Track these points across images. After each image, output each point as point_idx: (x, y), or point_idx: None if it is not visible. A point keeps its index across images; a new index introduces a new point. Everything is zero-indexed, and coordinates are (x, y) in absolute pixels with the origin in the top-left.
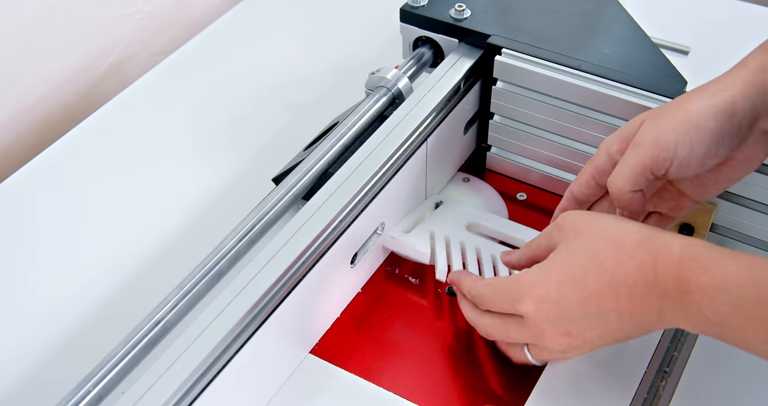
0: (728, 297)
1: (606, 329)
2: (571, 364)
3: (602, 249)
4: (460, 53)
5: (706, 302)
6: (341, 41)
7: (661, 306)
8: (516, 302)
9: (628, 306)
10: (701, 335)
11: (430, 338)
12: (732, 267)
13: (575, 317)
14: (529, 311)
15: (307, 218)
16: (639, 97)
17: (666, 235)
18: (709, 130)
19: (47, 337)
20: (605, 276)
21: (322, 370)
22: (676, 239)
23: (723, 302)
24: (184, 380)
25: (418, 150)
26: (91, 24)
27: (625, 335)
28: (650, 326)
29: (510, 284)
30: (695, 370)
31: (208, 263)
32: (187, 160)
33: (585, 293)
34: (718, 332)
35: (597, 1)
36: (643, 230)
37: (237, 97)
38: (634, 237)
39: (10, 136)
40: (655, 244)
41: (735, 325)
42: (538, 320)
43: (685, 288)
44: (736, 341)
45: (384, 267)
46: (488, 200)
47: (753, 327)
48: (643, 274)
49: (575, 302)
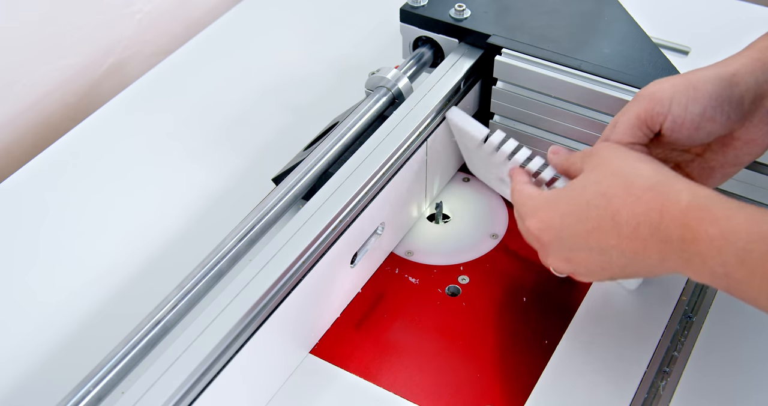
0: (735, 250)
1: (608, 263)
2: (571, 364)
3: (612, 186)
4: (460, 53)
5: (711, 253)
6: (341, 41)
7: (664, 251)
8: (525, 218)
9: (630, 246)
10: (701, 336)
11: (430, 338)
12: (741, 220)
13: (576, 247)
14: (534, 232)
15: (307, 218)
16: None
17: (678, 182)
18: (707, 92)
19: (47, 337)
20: (609, 213)
21: (322, 370)
22: (687, 187)
23: (729, 254)
24: (184, 380)
25: (418, 150)
26: (91, 24)
27: (631, 273)
28: (653, 268)
29: (527, 200)
30: (695, 370)
31: (208, 263)
32: (187, 160)
33: (588, 226)
34: (722, 283)
35: (597, 1)
36: (658, 174)
37: (237, 97)
38: (646, 180)
39: (10, 136)
40: (665, 190)
41: (739, 278)
42: (542, 243)
43: (691, 237)
44: (740, 293)
45: (384, 267)
46: (488, 200)
47: (758, 281)
48: (647, 217)
49: (577, 234)
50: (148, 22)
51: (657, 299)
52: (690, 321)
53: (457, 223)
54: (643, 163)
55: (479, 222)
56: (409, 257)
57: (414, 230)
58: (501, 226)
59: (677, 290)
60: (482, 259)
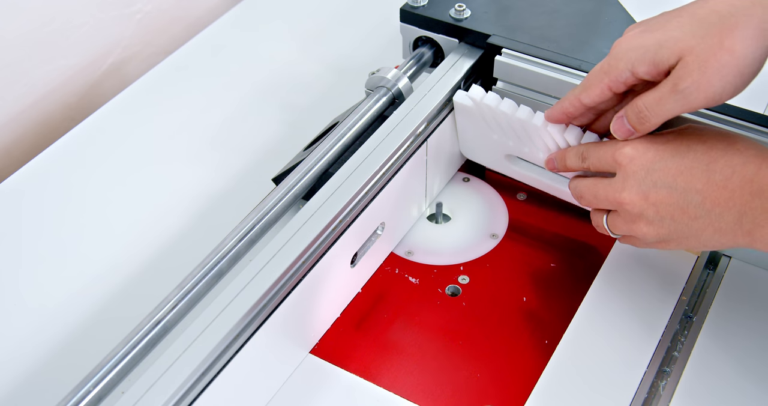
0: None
1: (683, 209)
2: (571, 364)
3: (714, 138)
4: (460, 53)
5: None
6: (341, 41)
7: (749, 205)
8: (616, 150)
9: (714, 194)
10: (701, 336)
11: (430, 338)
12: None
13: (660, 183)
14: (623, 159)
15: (307, 218)
16: None
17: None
18: (753, 73)
19: (48, 337)
20: (706, 158)
21: (322, 370)
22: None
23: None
24: (184, 380)
25: (418, 150)
26: (91, 24)
27: (696, 230)
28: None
29: (617, 142)
30: (695, 370)
31: (208, 263)
32: (187, 160)
33: (681, 165)
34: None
35: (597, 1)
36: (758, 144)
37: (237, 97)
38: (747, 142)
39: (10, 136)
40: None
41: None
42: (627, 172)
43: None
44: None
45: (384, 267)
46: (488, 200)
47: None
48: (743, 168)
49: (667, 168)
50: (148, 22)
51: (657, 299)
52: (690, 321)
53: (457, 223)
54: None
55: (479, 222)
56: (409, 257)
57: (414, 230)
58: (501, 226)
59: (677, 290)
60: (482, 259)
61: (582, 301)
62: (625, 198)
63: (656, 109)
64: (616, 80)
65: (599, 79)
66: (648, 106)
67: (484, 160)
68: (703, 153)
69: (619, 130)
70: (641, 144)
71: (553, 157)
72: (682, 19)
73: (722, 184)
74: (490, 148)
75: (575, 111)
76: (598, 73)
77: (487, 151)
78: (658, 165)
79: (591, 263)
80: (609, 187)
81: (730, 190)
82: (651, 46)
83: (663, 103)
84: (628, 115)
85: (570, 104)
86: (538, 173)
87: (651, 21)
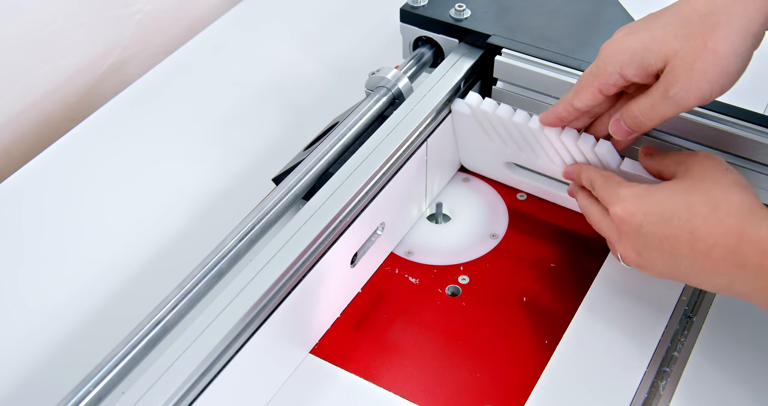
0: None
1: (675, 268)
2: (571, 364)
3: (698, 203)
4: (460, 53)
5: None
6: (341, 41)
7: (735, 275)
8: (611, 203)
9: (701, 262)
10: (701, 336)
11: (430, 338)
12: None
13: (650, 245)
14: (615, 218)
15: (307, 218)
16: None
17: (763, 211)
18: (740, 70)
19: (48, 336)
20: (689, 227)
21: (322, 370)
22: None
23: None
24: (184, 380)
25: (418, 150)
26: (91, 24)
27: (695, 284)
28: (718, 287)
29: (616, 187)
30: (695, 370)
31: (208, 263)
32: (187, 160)
33: (666, 232)
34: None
35: (597, 1)
36: (744, 203)
37: (237, 97)
38: (732, 206)
39: (10, 136)
40: (749, 217)
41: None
42: (620, 230)
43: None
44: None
45: (384, 267)
46: (488, 200)
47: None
48: (725, 240)
49: (654, 234)
50: (148, 22)
51: (657, 299)
52: (690, 321)
53: (457, 223)
54: (734, 188)
55: (479, 222)
56: (409, 257)
57: (414, 230)
58: (501, 226)
59: (677, 290)
60: (482, 259)
61: (582, 301)
62: (621, 251)
63: (651, 114)
64: (605, 83)
65: (589, 82)
66: (642, 112)
67: (485, 170)
68: (686, 221)
69: (618, 133)
70: (632, 206)
71: (570, 170)
72: (666, 19)
73: (706, 253)
74: (489, 157)
75: (569, 115)
76: (587, 76)
77: (486, 160)
78: (645, 229)
79: (591, 263)
80: (609, 231)
81: (714, 260)
82: (637, 50)
83: (656, 108)
84: (624, 120)
85: (563, 109)
86: (538, 180)
87: (637, 22)
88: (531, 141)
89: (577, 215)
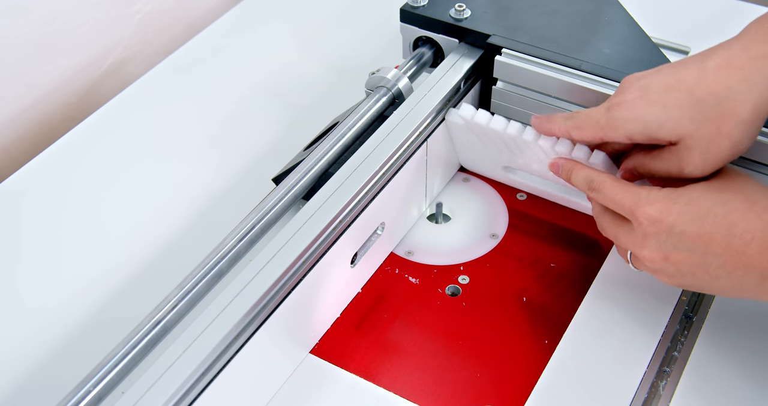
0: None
1: (703, 270)
2: (571, 364)
3: (734, 200)
4: (460, 53)
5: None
6: (341, 41)
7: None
8: (636, 207)
9: (735, 259)
10: (701, 336)
11: (430, 338)
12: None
13: (680, 246)
14: (643, 221)
15: (307, 218)
16: None
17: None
18: (747, 147)
19: (48, 337)
20: (726, 223)
21: (322, 370)
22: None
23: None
24: (184, 380)
25: (418, 150)
26: (91, 24)
27: (719, 287)
28: (744, 288)
29: (639, 190)
30: (695, 370)
31: (208, 263)
32: (187, 160)
33: (700, 230)
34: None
35: (597, 1)
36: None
37: (237, 97)
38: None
39: (10, 136)
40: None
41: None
42: (646, 233)
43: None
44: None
45: (384, 267)
46: (488, 200)
47: None
48: (763, 234)
49: (687, 232)
50: (148, 22)
51: (657, 299)
52: (690, 321)
53: (457, 223)
54: (764, 187)
55: (479, 222)
56: (409, 257)
57: (414, 230)
58: (501, 226)
59: (677, 290)
60: (482, 259)
61: (582, 301)
62: (646, 256)
63: (664, 175)
64: (611, 139)
65: (594, 131)
66: (657, 173)
67: (484, 171)
68: (723, 217)
69: (625, 178)
70: (664, 206)
71: (560, 163)
72: (681, 96)
73: (742, 249)
74: (487, 161)
75: (562, 137)
76: (594, 125)
77: (484, 163)
78: (678, 229)
79: (591, 263)
80: (629, 238)
81: (749, 256)
82: (651, 123)
83: (670, 175)
84: (638, 171)
85: (559, 131)
86: (538, 182)
87: (651, 84)
88: (525, 150)
89: (577, 215)
